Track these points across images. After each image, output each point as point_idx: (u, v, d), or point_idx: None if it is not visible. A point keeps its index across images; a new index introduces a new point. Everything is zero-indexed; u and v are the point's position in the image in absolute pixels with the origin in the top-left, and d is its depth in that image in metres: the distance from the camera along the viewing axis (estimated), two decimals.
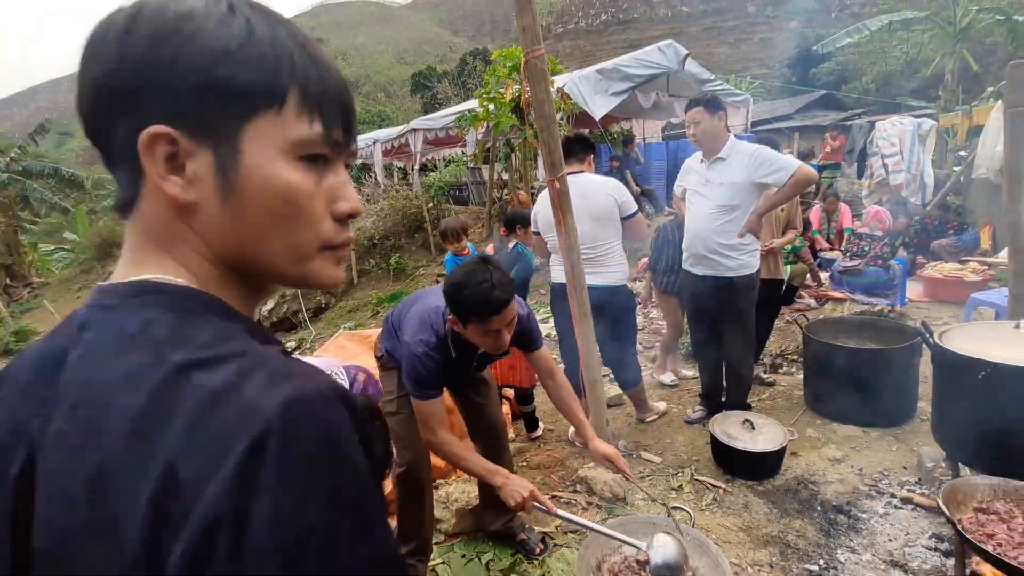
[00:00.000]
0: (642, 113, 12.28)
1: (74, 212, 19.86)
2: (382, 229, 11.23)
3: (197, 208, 0.44)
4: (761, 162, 2.65)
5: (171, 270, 0.45)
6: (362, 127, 31.20)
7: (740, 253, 2.78)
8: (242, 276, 0.48)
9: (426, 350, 1.72)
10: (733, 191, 2.72)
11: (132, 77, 0.41)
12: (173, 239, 0.45)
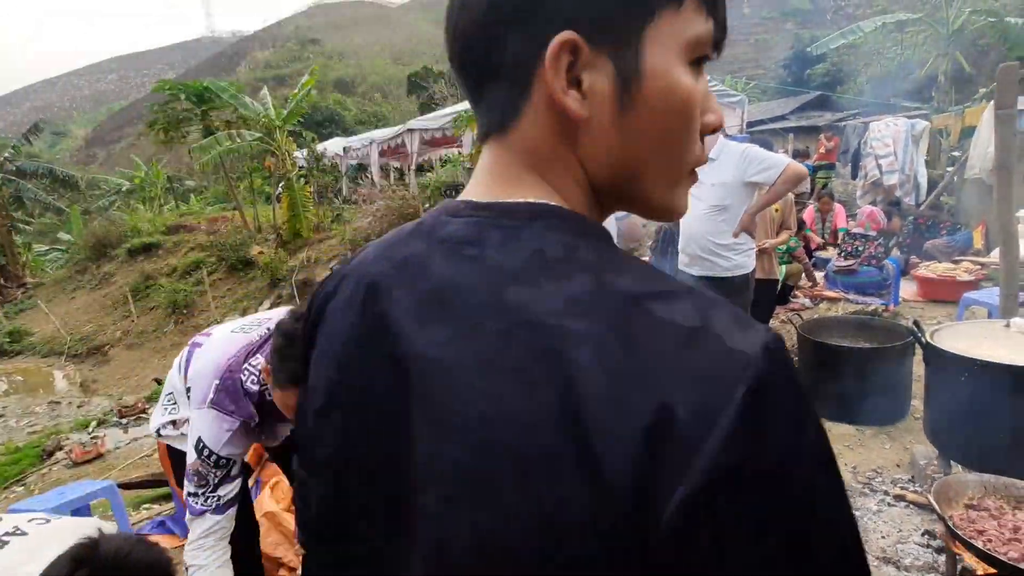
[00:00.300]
0: None
1: (68, 212, 19.78)
2: (379, 229, 11.22)
3: (586, 125, 0.40)
4: (750, 161, 2.69)
5: (544, 195, 0.42)
6: (359, 127, 31.21)
7: (735, 253, 2.80)
8: (601, 203, 0.45)
9: None
10: (724, 191, 2.75)
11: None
12: (550, 162, 0.42)
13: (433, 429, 0.37)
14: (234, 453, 1.39)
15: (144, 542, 1.05)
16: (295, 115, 13.70)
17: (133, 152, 32.68)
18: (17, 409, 8.70)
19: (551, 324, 0.35)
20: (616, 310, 0.35)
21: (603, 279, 0.36)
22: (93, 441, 6.09)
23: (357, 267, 0.49)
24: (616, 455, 0.31)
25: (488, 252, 0.40)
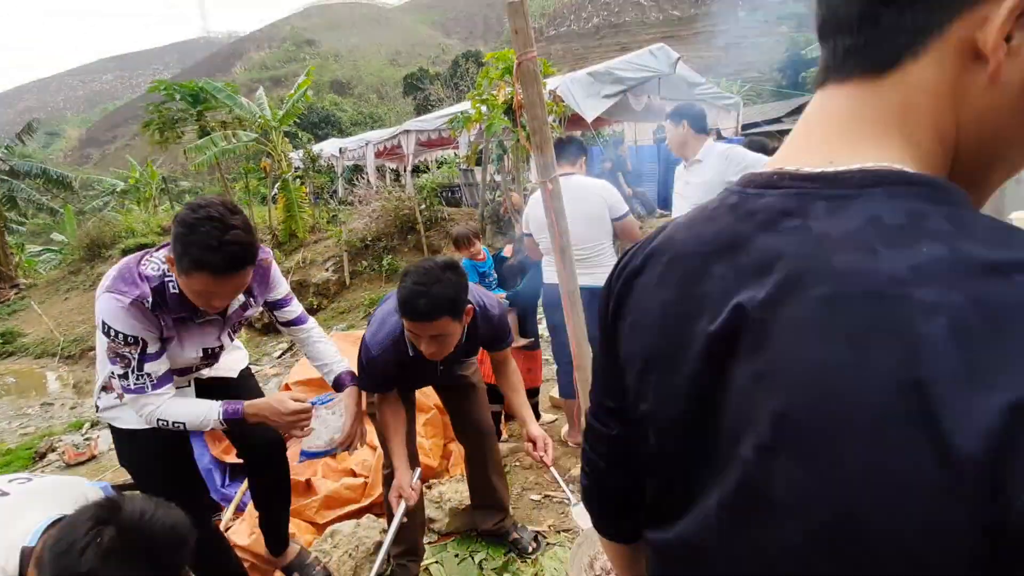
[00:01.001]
0: (634, 116, 12.37)
1: (62, 213, 19.66)
2: (374, 230, 11.21)
3: (991, 84, 0.37)
4: (730, 161, 2.77)
5: (894, 155, 0.39)
6: (354, 128, 31.18)
7: None
8: (956, 170, 0.41)
9: (379, 351, 1.73)
10: (707, 189, 2.82)
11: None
12: (926, 115, 0.39)
13: (756, 384, 0.39)
14: (138, 330, 1.40)
15: (164, 504, 1.04)
16: (291, 116, 13.67)
17: (128, 153, 32.52)
18: (10, 411, 8.63)
19: (891, 292, 0.34)
20: (975, 281, 0.32)
21: (958, 247, 0.34)
22: (86, 443, 6.04)
23: (664, 245, 0.52)
24: (968, 433, 0.29)
25: (812, 223, 0.38)
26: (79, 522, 0.96)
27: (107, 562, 0.92)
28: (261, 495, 1.92)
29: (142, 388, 1.45)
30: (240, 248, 1.29)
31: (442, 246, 10.76)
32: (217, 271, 1.28)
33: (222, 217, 1.27)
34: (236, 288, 1.38)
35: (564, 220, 2.44)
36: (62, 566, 0.93)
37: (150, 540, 0.96)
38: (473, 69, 26.66)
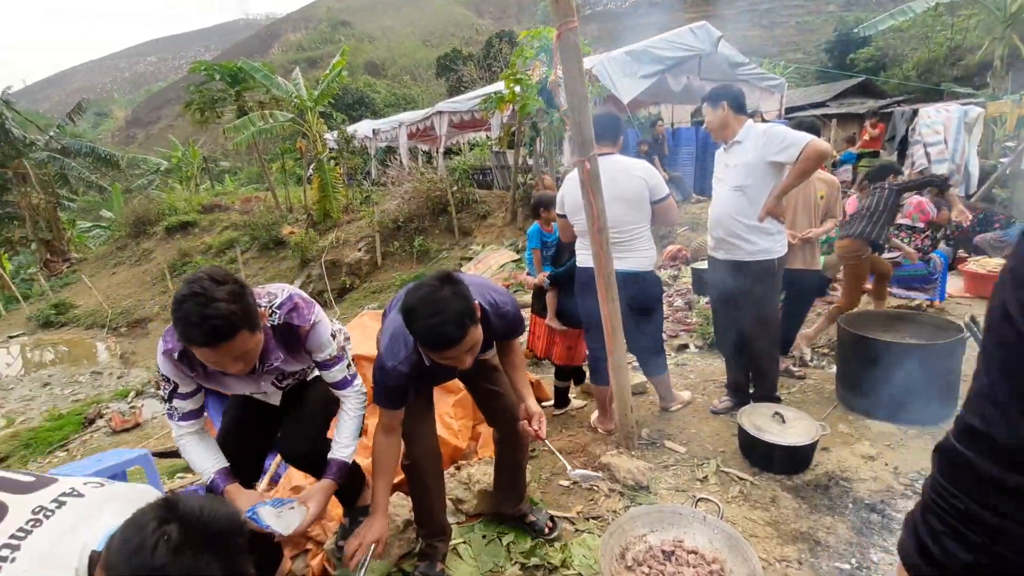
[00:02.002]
0: (671, 97, 12.00)
1: (110, 190, 20.44)
2: (406, 211, 11.27)
3: None
4: (770, 140, 2.61)
5: None
6: (387, 110, 31.26)
7: (760, 237, 2.71)
8: None
9: (394, 364, 1.64)
10: (746, 171, 2.69)
11: None
12: None
13: None
14: (170, 373, 1.60)
15: (217, 498, 1.10)
16: (326, 96, 13.77)
17: (170, 133, 33.49)
18: (62, 377, 9.10)
19: None
20: None
21: None
22: (132, 411, 6.32)
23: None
24: None
25: None
26: (143, 522, 1.01)
27: (178, 556, 0.97)
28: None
29: (171, 415, 1.67)
30: (222, 320, 1.32)
31: (473, 228, 10.75)
32: (202, 344, 1.34)
33: (205, 292, 1.33)
34: (237, 354, 1.41)
35: (601, 200, 2.36)
36: (136, 564, 0.98)
37: (211, 532, 1.01)
38: (507, 50, 26.29)
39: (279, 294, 1.64)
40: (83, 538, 1.09)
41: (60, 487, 1.18)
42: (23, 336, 12.55)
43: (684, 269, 7.05)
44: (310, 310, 1.63)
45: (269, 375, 1.71)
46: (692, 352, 4.70)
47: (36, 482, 1.18)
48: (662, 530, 1.72)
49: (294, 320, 1.59)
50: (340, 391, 1.76)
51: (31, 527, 1.07)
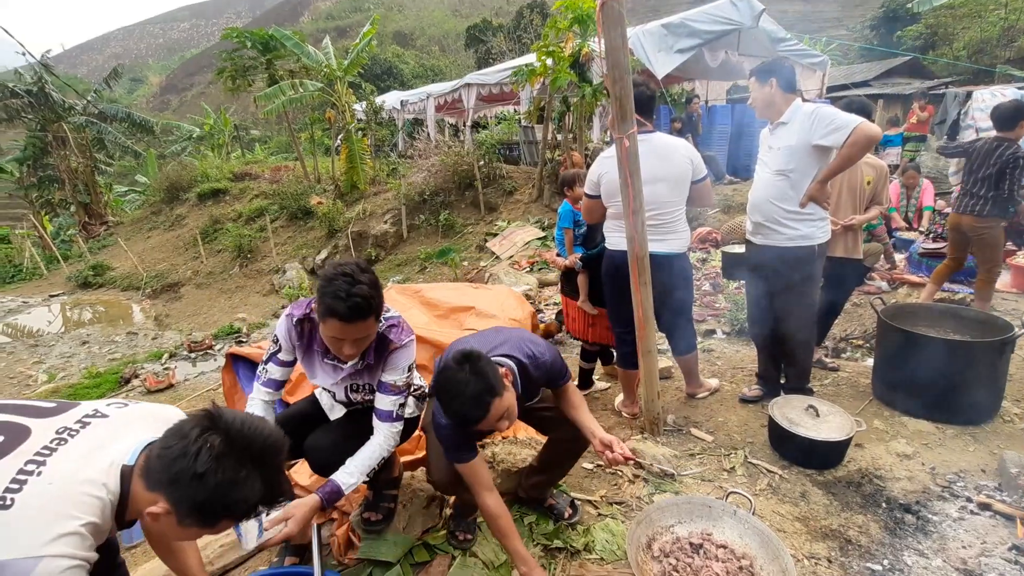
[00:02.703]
0: (708, 73, 11.57)
1: (144, 156, 20.85)
2: (432, 185, 11.22)
3: None
4: (817, 122, 2.44)
5: None
6: (415, 81, 30.97)
7: (800, 222, 2.58)
8: None
9: (450, 422, 1.67)
10: (789, 155, 2.54)
11: None
12: None
13: None
14: (281, 334, 1.76)
15: (254, 416, 1.13)
16: (355, 66, 13.68)
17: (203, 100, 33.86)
18: (100, 337, 9.45)
19: None
20: None
21: None
22: (165, 372, 6.53)
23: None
24: None
25: None
26: (186, 430, 1.04)
27: (221, 463, 1.01)
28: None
29: (258, 376, 1.81)
30: (363, 300, 1.50)
31: (499, 204, 10.66)
32: (343, 318, 1.50)
33: (353, 274, 1.51)
34: (359, 336, 1.58)
35: (639, 180, 2.28)
36: (178, 470, 1.01)
37: (252, 444, 1.05)
38: (538, 21, 25.63)
39: (391, 309, 1.79)
40: (111, 454, 1.10)
41: (83, 409, 1.19)
42: (63, 296, 13.04)
43: (713, 252, 6.88)
44: (407, 334, 1.77)
45: (350, 378, 1.81)
46: (719, 338, 4.60)
47: (58, 407, 1.19)
48: (691, 522, 1.69)
49: (391, 335, 1.73)
50: (381, 422, 1.78)
51: (56, 445, 1.07)
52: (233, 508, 1.05)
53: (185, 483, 1.01)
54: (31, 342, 9.23)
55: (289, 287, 10.40)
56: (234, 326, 8.39)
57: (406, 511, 2.07)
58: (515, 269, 7.67)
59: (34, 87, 16.94)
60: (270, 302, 10.48)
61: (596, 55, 8.36)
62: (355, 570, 1.89)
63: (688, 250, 2.79)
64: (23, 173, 18.75)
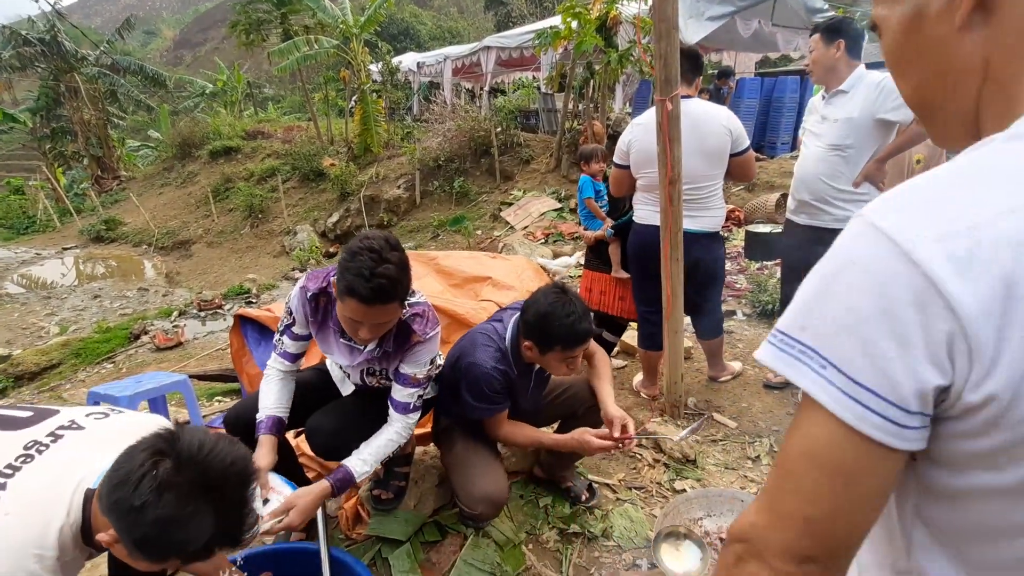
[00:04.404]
0: (738, 44, 11.08)
1: (157, 111, 20.63)
2: (447, 151, 10.97)
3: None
4: (886, 94, 2.22)
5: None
6: (432, 43, 30.21)
7: (850, 202, 2.39)
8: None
9: (494, 364, 1.70)
10: (848, 128, 2.32)
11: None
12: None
13: None
14: (294, 307, 1.65)
15: (225, 438, 1.00)
16: (372, 23, 13.26)
17: (217, 56, 33.29)
18: (112, 291, 9.47)
19: None
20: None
21: None
22: (175, 329, 6.52)
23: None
24: None
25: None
26: (136, 453, 0.91)
27: (162, 496, 0.87)
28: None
29: (275, 346, 1.72)
30: (388, 281, 1.35)
31: (515, 172, 10.42)
32: (364, 300, 1.36)
33: (380, 251, 1.37)
34: (380, 320, 1.45)
35: (679, 148, 2.11)
36: (116, 498, 0.89)
37: (208, 474, 0.90)
38: None
39: (418, 294, 1.66)
40: (78, 475, 1.00)
41: (59, 419, 1.09)
42: (76, 249, 13.08)
43: (736, 231, 6.67)
44: (432, 326, 1.64)
45: (367, 362, 1.69)
46: (740, 319, 4.46)
47: (33, 416, 1.09)
48: (719, 515, 1.59)
49: (415, 325, 1.60)
50: (397, 413, 1.68)
51: (21, 463, 0.98)
52: (176, 548, 0.91)
53: (123, 514, 0.88)
54: (44, 294, 9.28)
55: (300, 249, 10.32)
56: (244, 286, 8.36)
57: (418, 488, 1.99)
58: (529, 240, 7.51)
59: (47, 35, 16.68)
60: (280, 263, 10.42)
61: (624, 19, 7.99)
62: (363, 546, 1.82)
63: (722, 229, 2.61)
64: (36, 123, 18.65)
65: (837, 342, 0.47)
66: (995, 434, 0.45)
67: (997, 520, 0.48)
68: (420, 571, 1.75)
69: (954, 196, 0.45)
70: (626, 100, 10.92)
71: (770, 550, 0.52)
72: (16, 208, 16.46)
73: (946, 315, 0.43)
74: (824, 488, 0.49)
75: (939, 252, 0.43)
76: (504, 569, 1.75)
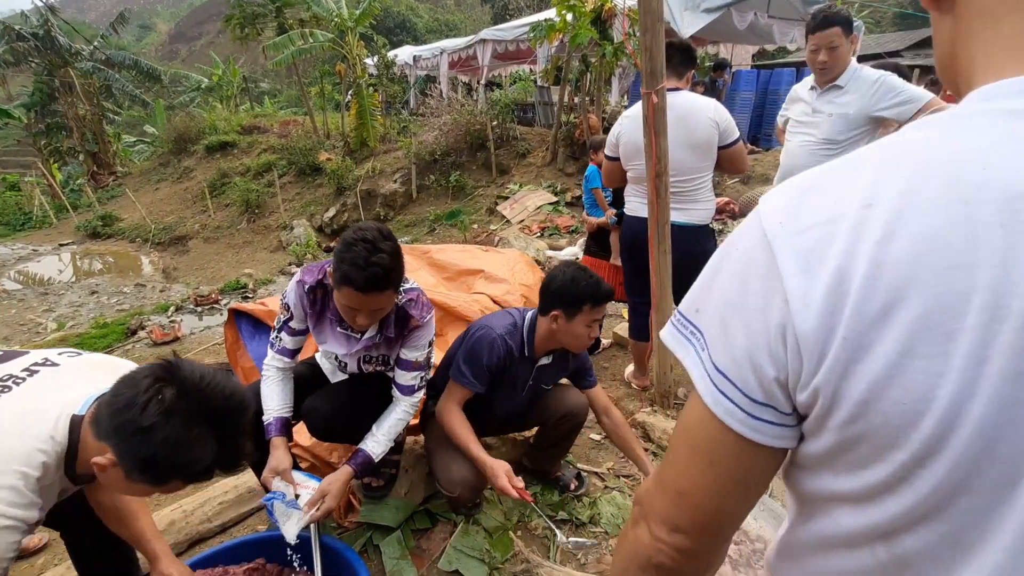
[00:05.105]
0: (734, 36, 11.05)
1: (152, 106, 20.53)
2: (444, 145, 10.95)
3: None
4: (885, 91, 2.23)
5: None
6: (429, 36, 30.05)
7: None
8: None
9: (503, 334, 1.77)
10: (844, 124, 2.33)
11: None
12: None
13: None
14: (292, 302, 1.68)
15: (220, 371, 1.05)
16: (367, 16, 13.20)
17: (212, 50, 33.10)
18: (109, 287, 9.48)
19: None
20: None
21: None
22: (171, 324, 6.53)
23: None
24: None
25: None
26: (138, 379, 0.95)
27: (169, 418, 0.92)
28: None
29: (272, 344, 1.74)
30: (382, 270, 1.42)
31: (511, 166, 10.41)
32: (359, 288, 1.42)
33: (374, 241, 1.43)
34: (375, 307, 1.51)
35: (665, 141, 2.13)
36: (123, 420, 0.93)
37: (209, 401, 0.96)
38: None
39: (410, 280, 1.74)
40: (60, 404, 1.02)
41: (32, 358, 1.11)
42: (73, 245, 13.07)
43: (730, 224, 6.70)
44: (427, 310, 1.72)
45: (366, 349, 1.74)
46: None
47: (4, 355, 1.11)
48: None
49: (411, 310, 1.67)
50: (402, 395, 1.76)
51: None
52: (181, 468, 0.96)
53: (129, 435, 0.92)
54: (41, 290, 9.29)
55: (296, 244, 10.32)
56: (241, 281, 8.37)
57: (408, 477, 2.02)
58: (525, 234, 7.53)
59: (40, 30, 16.57)
60: (277, 258, 10.43)
61: (619, 11, 7.97)
62: (354, 534, 1.86)
63: (715, 222, 2.64)
64: (31, 119, 18.57)
65: (712, 325, 0.48)
66: (826, 436, 0.44)
67: (835, 529, 0.47)
68: (410, 558, 1.78)
69: (830, 186, 0.44)
70: (622, 93, 10.90)
71: (651, 516, 0.54)
72: (12, 204, 16.40)
73: (782, 307, 0.42)
74: (692, 466, 0.50)
75: (792, 244, 0.42)
76: (493, 555, 1.78)
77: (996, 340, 0.35)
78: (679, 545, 0.52)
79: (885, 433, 0.40)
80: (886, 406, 0.39)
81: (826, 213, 0.42)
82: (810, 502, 0.49)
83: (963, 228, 0.37)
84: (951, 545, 0.40)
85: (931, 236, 0.37)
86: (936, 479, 0.39)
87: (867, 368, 0.39)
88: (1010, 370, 0.35)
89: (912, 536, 0.41)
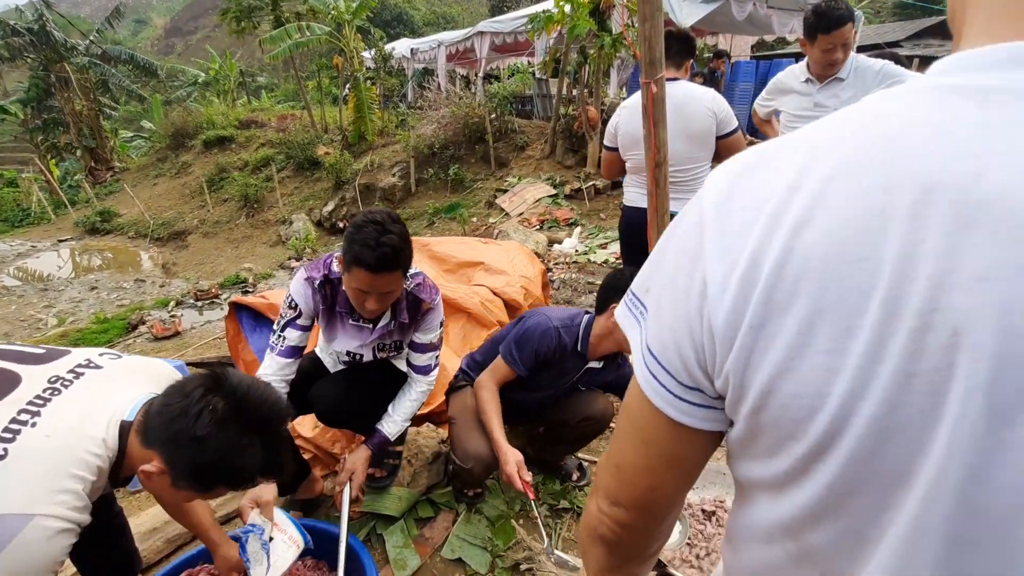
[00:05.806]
0: (733, 27, 11.00)
1: (149, 101, 20.44)
2: (442, 138, 10.92)
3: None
4: (884, 81, 2.23)
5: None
6: (426, 29, 29.89)
7: None
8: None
9: (558, 327, 1.80)
10: None
11: None
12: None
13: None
14: (300, 299, 1.67)
15: (263, 381, 1.10)
16: (364, 9, 13.12)
17: (208, 44, 32.92)
18: (108, 283, 9.48)
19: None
20: None
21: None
22: (172, 319, 6.54)
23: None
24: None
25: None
26: (189, 389, 0.99)
27: (223, 428, 0.96)
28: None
29: (272, 347, 1.71)
30: (392, 250, 1.45)
31: (510, 159, 10.39)
32: (371, 268, 1.45)
33: (383, 223, 1.48)
34: (386, 289, 1.54)
35: (664, 131, 2.12)
36: (177, 429, 0.96)
37: (256, 411, 1.01)
38: None
39: (414, 267, 1.75)
40: (110, 408, 1.05)
41: (75, 358, 1.12)
42: (72, 241, 13.05)
43: None
44: (435, 292, 1.76)
45: (380, 338, 1.77)
46: None
47: (48, 353, 1.12)
48: (703, 489, 1.64)
49: (421, 294, 1.71)
50: (418, 375, 1.82)
51: (49, 395, 1.01)
52: (230, 475, 1.01)
53: (183, 444, 0.96)
54: (41, 286, 9.29)
55: (295, 238, 10.31)
56: (240, 276, 8.37)
57: (411, 466, 2.04)
58: (524, 226, 7.52)
59: (35, 25, 16.46)
60: (276, 253, 10.42)
61: (617, 2, 7.92)
62: (358, 523, 1.88)
63: None
64: (28, 115, 18.48)
65: (653, 303, 0.47)
66: (739, 423, 0.43)
67: (758, 517, 0.46)
68: (413, 546, 1.80)
69: (770, 165, 0.41)
70: (620, 85, 10.86)
71: (599, 488, 0.55)
72: (10, 201, 16.35)
73: (703, 290, 0.41)
74: (629, 444, 0.51)
75: (719, 227, 0.41)
76: (495, 543, 1.80)
77: (892, 339, 0.34)
78: (618, 518, 0.53)
79: (784, 424, 0.39)
80: (785, 398, 0.38)
81: (756, 196, 0.40)
82: (741, 487, 0.50)
83: (877, 220, 0.34)
84: (852, 542, 0.40)
85: (843, 226, 0.35)
86: (832, 474, 0.38)
87: (768, 359, 0.38)
88: (902, 371, 0.34)
89: (816, 532, 0.41)
